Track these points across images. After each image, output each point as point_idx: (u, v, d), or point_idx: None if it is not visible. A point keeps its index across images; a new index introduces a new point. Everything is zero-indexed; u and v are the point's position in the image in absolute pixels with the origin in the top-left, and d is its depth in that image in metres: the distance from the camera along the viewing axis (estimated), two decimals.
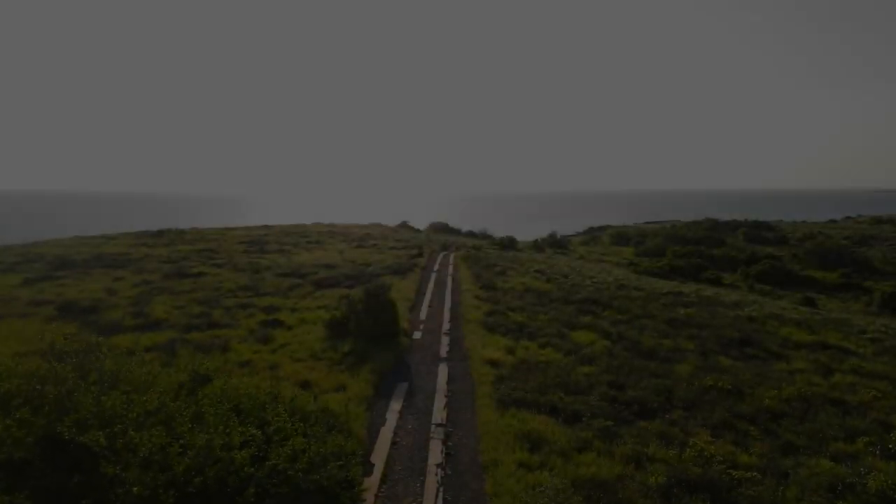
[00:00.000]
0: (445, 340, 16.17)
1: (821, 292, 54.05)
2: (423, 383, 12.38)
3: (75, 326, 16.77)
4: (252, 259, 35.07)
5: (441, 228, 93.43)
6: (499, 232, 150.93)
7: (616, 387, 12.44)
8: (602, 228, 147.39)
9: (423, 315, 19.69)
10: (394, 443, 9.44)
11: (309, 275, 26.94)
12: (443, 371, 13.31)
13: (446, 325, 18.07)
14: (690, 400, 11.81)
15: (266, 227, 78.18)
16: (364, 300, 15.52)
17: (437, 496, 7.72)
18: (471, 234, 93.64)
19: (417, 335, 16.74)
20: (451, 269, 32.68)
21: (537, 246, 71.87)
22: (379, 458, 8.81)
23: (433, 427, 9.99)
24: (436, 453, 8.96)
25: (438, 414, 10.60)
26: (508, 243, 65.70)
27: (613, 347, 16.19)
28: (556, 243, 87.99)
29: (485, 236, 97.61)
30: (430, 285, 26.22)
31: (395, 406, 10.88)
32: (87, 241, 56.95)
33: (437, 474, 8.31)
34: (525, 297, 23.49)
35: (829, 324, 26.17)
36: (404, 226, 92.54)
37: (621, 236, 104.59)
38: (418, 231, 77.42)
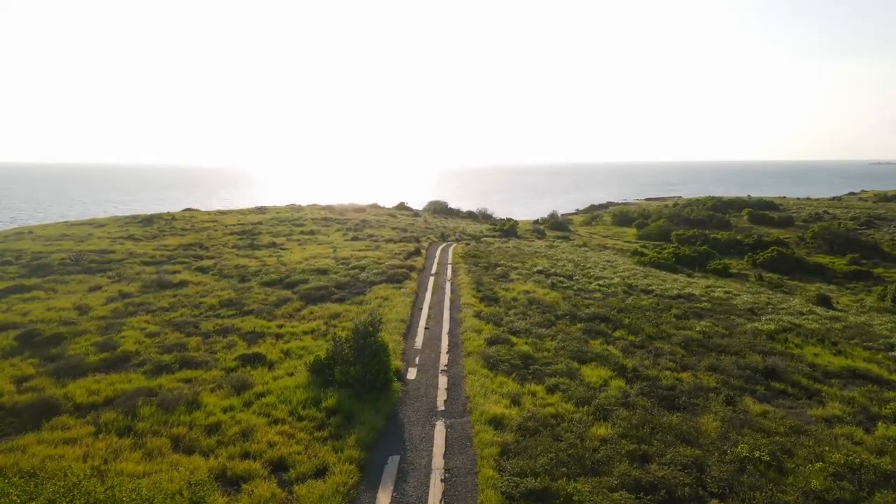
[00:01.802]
0: (443, 382, 14.55)
1: (830, 281, 52.56)
2: (417, 456, 10.77)
3: (34, 365, 15.14)
4: (241, 259, 33.35)
5: (440, 210, 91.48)
6: (499, 209, 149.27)
7: (638, 458, 10.86)
8: (603, 206, 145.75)
9: (418, 341, 18.06)
10: None
11: (298, 284, 25.23)
12: (440, 434, 11.71)
13: (444, 358, 16.44)
14: (725, 480, 10.22)
15: (261, 210, 76.31)
16: (352, 340, 13.86)
17: None
18: (471, 216, 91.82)
19: (412, 374, 15.12)
20: (449, 271, 30.98)
21: (538, 230, 70.06)
22: None
23: None
24: None
25: None
26: (509, 229, 63.90)
27: (629, 390, 14.59)
28: (557, 225, 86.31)
29: (485, 217, 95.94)
30: (427, 296, 24.55)
31: (384, 500, 9.27)
32: (73, 228, 55.24)
33: None
34: (529, 312, 21.83)
35: (851, 335, 24.62)
36: (402, 207, 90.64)
37: (623, 216, 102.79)
38: (416, 215, 75.52)
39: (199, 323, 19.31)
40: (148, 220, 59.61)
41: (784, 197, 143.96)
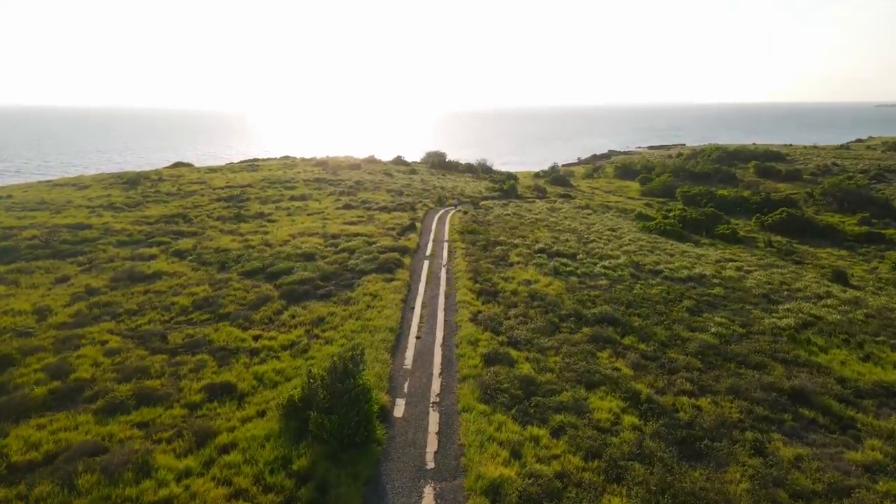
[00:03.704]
0: (434, 422, 12.86)
1: (842, 245, 50.77)
2: None
3: None
4: (224, 236, 31.37)
5: (438, 164, 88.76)
6: (499, 159, 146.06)
7: None
8: (605, 156, 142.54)
9: (408, 358, 16.31)
10: None
11: (281, 275, 23.34)
12: None
13: (436, 384, 14.71)
14: None
15: (253, 167, 73.71)
16: (329, 381, 12.08)
17: None
18: (470, 170, 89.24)
19: (399, 409, 13.42)
20: (445, 252, 29.03)
21: (538, 188, 67.73)
22: None
23: None
24: None
25: None
26: (509, 189, 61.60)
27: (644, 428, 12.95)
28: (558, 180, 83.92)
29: (485, 171, 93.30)
30: (421, 289, 22.69)
31: None
32: (55, 191, 53.00)
33: None
34: (530, 313, 20.02)
35: (876, 329, 22.92)
36: (399, 162, 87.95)
37: (626, 168, 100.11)
38: (413, 172, 72.92)
39: (168, 334, 17.52)
40: (133, 182, 57.20)
41: (790, 145, 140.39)
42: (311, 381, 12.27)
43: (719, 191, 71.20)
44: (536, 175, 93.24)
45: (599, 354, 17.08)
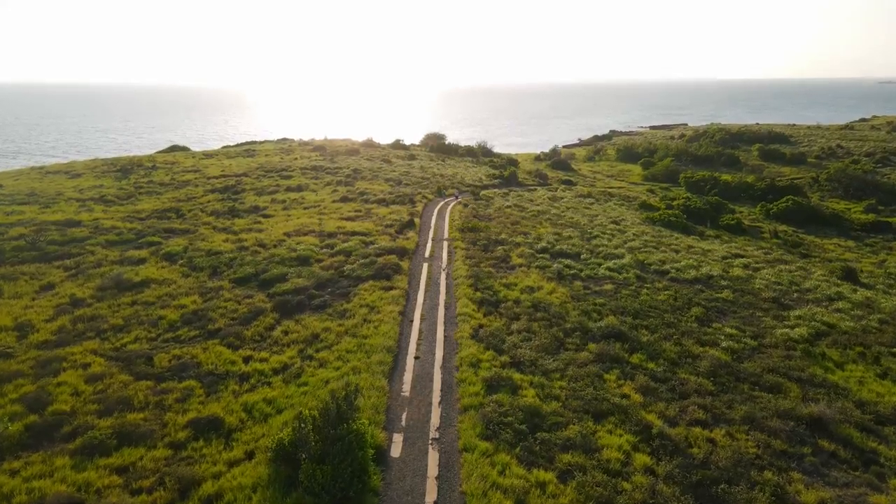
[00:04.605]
0: (433, 464, 12.09)
1: (848, 235, 49.85)
2: None
3: None
4: (217, 235, 30.44)
5: (438, 148, 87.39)
6: (500, 140, 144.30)
7: None
8: (606, 137, 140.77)
9: (406, 382, 15.50)
10: None
11: (275, 283, 22.44)
12: None
13: (435, 416, 13.90)
14: None
15: (249, 152, 72.48)
16: (321, 425, 11.28)
17: None
18: (470, 154, 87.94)
19: (396, 448, 12.62)
20: (445, 253, 28.09)
21: (539, 174, 66.57)
22: None
23: None
24: None
25: None
26: (510, 176, 60.57)
27: (657, 470, 12.19)
28: (559, 164, 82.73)
29: (485, 153, 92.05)
30: (420, 298, 21.82)
31: None
32: (46, 179, 51.97)
33: None
34: (534, 327, 19.18)
35: (891, 338, 22.13)
36: (398, 146, 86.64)
37: (628, 151, 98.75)
38: (412, 158, 71.63)
39: (154, 355, 16.69)
40: (126, 170, 56.05)
41: (793, 125, 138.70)
42: (302, 424, 11.46)
43: (723, 176, 70.07)
44: (537, 158, 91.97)
45: (606, 377, 16.27)
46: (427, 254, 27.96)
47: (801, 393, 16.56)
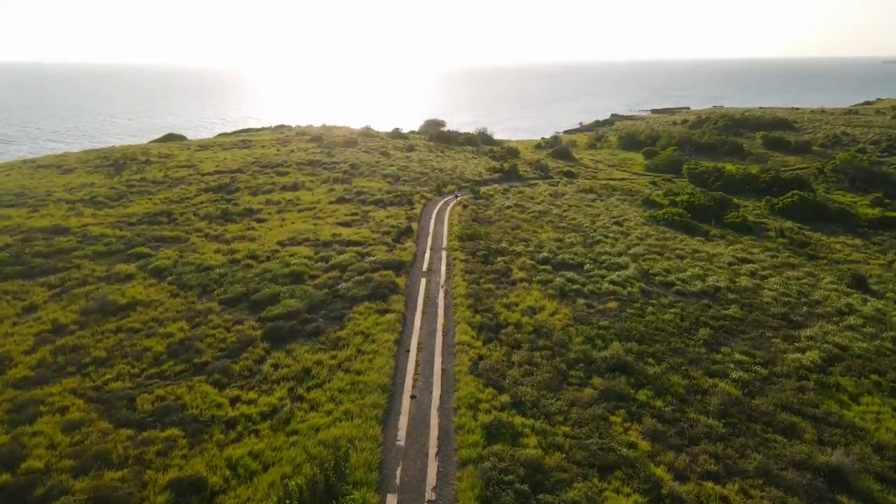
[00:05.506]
0: None
1: (855, 232, 48.96)
2: None
3: None
4: (209, 244, 29.52)
5: (437, 137, 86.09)
6: (500, 126, 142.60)
7: None
8: (608, 122, 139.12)
9: (401, 429, 14.69)
10: None
11: (266, 306, 21.55)
12: None
13: (432, 472, 13.11)
14: None
15: (245, 144, 71.27)
16: (308, 501, 10.50)
17: None
18: (470, 142, 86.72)
19: None
20: (443, 267, 27.17)
21: (540, 166, 65.42)
22: None
23: None
24: None
25: None
26: (510, 169, 59.47)
27: None
28: (560, 153, 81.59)
29: (486, 140, 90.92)
30: (417, 322, 20.95)
31: None
32: (37, 175, 50.91)
33: None
34: (535, 359, 18.35)
35: None
36: (396, 135, 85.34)
37: (630, 138, 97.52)
38: (411, 149, 70.35)
39: (137, 395, 15.88)
40: (119, 165, 54.93)
41: (797, 109, 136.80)
42: (288, 500, 10.67)
43: (727, 167, 68.86)
44: (538, 146, 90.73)
45: (612, 419, 15.49)
46: (425, 267, 27.04)
47: (817, 435, 15.80)
